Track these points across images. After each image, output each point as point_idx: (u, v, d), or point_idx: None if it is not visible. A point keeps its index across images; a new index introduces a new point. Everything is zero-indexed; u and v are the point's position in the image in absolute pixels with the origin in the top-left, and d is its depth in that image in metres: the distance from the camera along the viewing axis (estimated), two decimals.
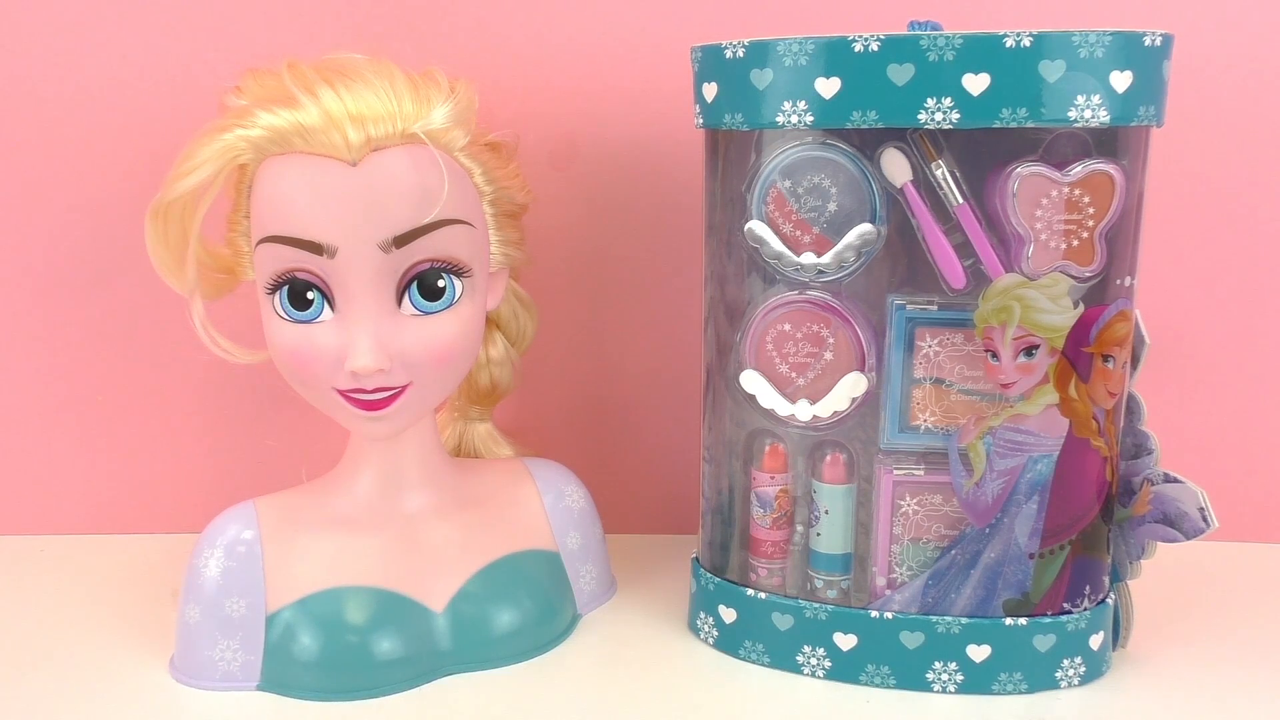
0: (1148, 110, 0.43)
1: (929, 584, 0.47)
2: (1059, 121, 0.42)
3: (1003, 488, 0.46)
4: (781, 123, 0.44)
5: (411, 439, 0.50)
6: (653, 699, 0.47)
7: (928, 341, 0.46)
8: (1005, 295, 0.44)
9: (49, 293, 0.63)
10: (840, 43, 0.43)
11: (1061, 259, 0.44)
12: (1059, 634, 0.47)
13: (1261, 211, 0.63)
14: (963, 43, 0.42)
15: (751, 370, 0.48)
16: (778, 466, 0.49)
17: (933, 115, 0.42)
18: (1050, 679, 0.47)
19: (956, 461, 0.46)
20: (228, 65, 0.52)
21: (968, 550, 0.47)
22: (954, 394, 0.46)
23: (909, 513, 0.47)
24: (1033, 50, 0.41)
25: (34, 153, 0.61)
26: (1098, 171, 0.43)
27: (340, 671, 0.47)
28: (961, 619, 0.47)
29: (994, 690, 0.47)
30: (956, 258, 0.44)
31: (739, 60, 0.45)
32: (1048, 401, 0.45)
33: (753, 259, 0.47)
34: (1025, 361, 0.45)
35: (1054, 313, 0.44)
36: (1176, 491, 0.47)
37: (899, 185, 0.44)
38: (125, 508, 0.66)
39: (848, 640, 0.48)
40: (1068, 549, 0.47)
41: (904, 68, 0.42)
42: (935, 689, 0.48)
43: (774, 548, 0.50)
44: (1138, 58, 0.42)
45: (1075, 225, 0.44)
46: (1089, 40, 0.41)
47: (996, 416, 0.45)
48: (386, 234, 0.44)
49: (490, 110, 0.49)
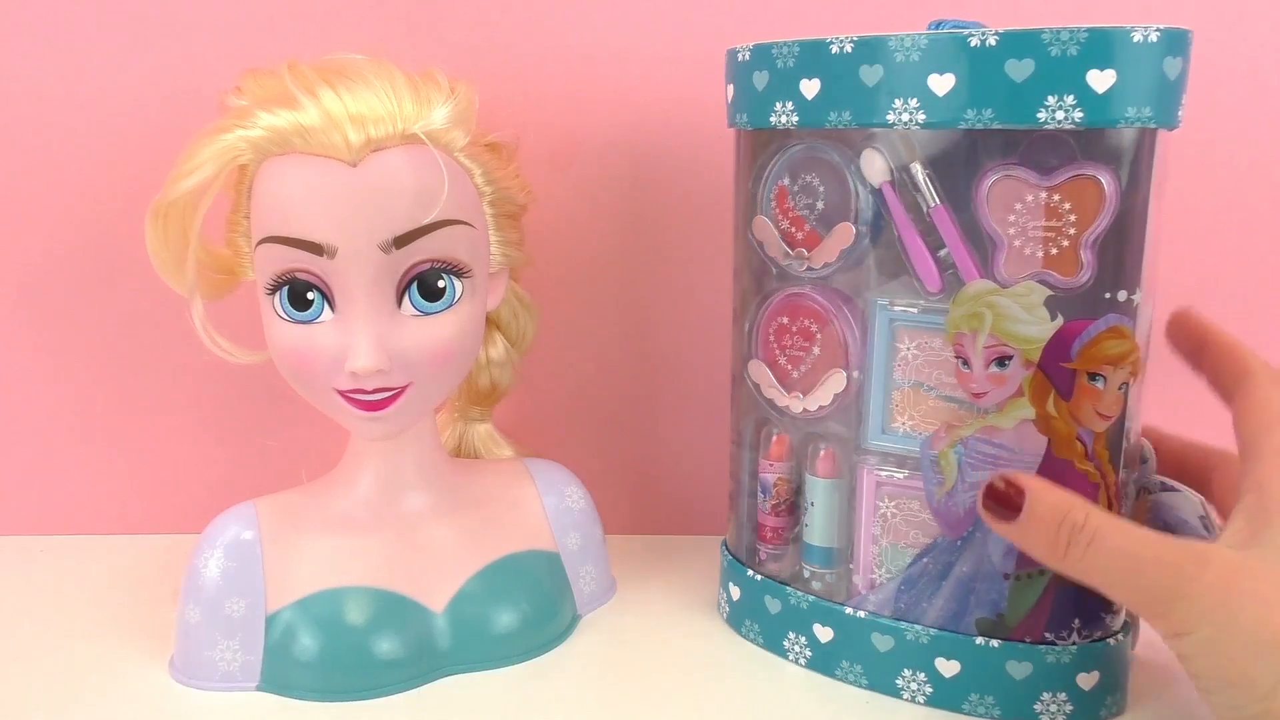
0: (1140, 111, 0.39)
1: (901, 589, 0.47)
2: (1027, 123, 0.40)
3: (975, 500, 0.44)
4: (774, 122, 0.46)
5: (411, 439, 0.50)
6: (652, 700, 0.48)
7: (906, 344, 0.45)
8: (976, 302, 0.43)
9: (49, 293, 0.62)
10: (819, 44, 0.44)
11: (1040, 268, 0.42)
12: (1035, 663, 0.44)
13: (1264, 211, 0.58)
14: (928, 43, 0.41)
15: (757, 360, 0.50)
16: (778, 455, 0.51)
17: (900, 116, 0.42)
18: (1028, 710, 0.45)
19: (928, 468, 0.45)
20: (228, 65, 0.51)
21: (939, 560, 0.46)
22: (932, 399, 0.45)
23: (888, 515, 0.47)
24: (998, 49, 0.40)
25: (34, 153, 0.60)
26: (1082, 177, 0.40)
27: (340, 672, 0.47)
28: (931, 630, 0.46)
29: (964, 710, 0.46)
30: (932, 260, 0.44)
31: (746, 63, 0.47)
32: (1021, 415, 0.43)
33: (761, 254, 0.49)
34: (997, 372, 0.43)
35: (1028, 323, 0.42)
36: (1174, 500, 0.43)
37: (876, 185, 0.44)
38: (125, 508, 0.66)
39: (826, 633, 0.49)
40: (1049, 575, 0.44)
41: (874, 69, 0.42)
42: (905, 696, 0.47)
43: (774, 533, 0.51)
44: (1122, 55, 0.39)
45: (1054, 233, 0.41)
46: (1060, 38, 0.39)
47: (968, 426, 0.44)
48: (386, 234, 0.44)
49: (490, 111, 0.49)
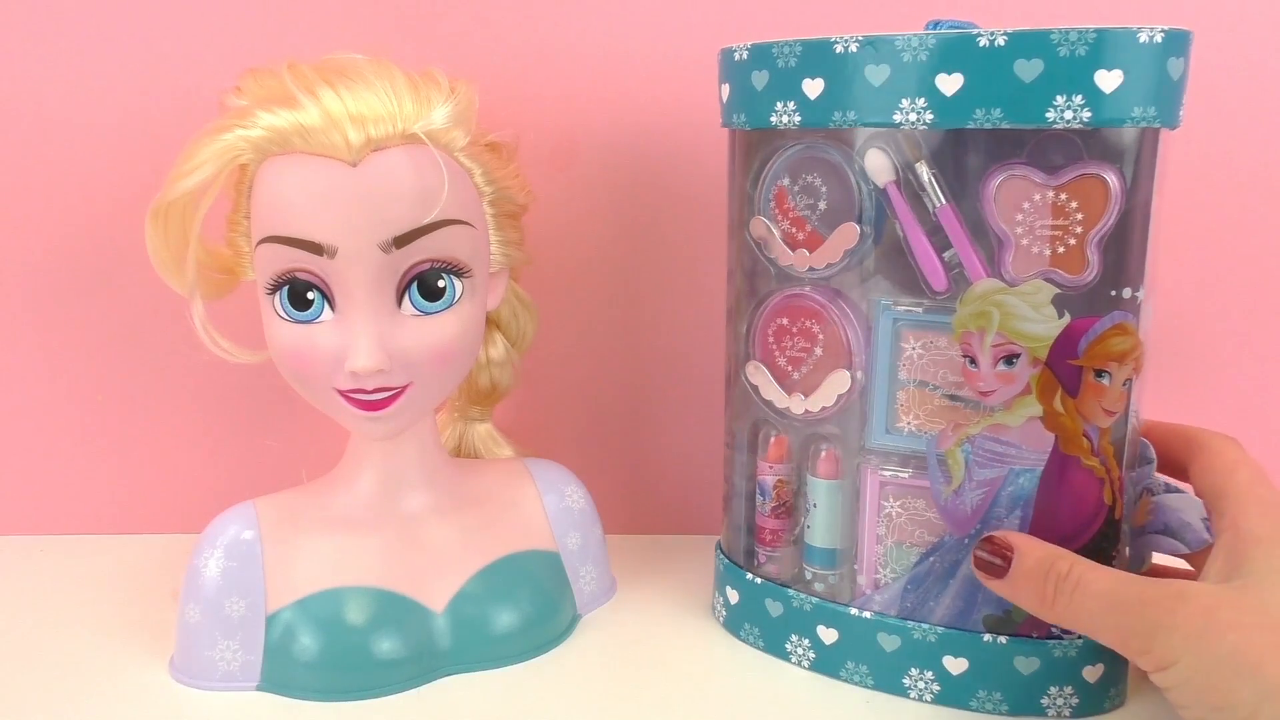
0: (1145, 111, 0.40)
1: (908, 588, 0.47)
2: (1035, 123, 0.40)
3: (982, 498, 0.45)
4: (774, 123, 0.46)
5: (411, 439, 0.50)
6: (652, 700, 0.47)
7: (911, 344, 0.45)
8: (984, 300, 0.43)
9: (49, 293, 0.62)
10: (823, 44, 0.43)
11: (1047, 266, 0.42)
12: (1042, 658, 0.45)
13: (1267, 210, 0.59)
14: (936, 43, 0.41)
15: (755, 362, 0.50)
16: (777, 457, 0.50)
17: (907, 116, 0.42)
18: (1035, 704, 0.45)
19: (935, 467, 0.45)
20: (228, 65, 0.51)
21: (946, 559, 0.46)
22: (938, 398, 0.45)
23: (893, 514, 0.47)
24: (1007, 49, 0.40)
25: (34, 153, 0.60)
26: (1089, 176, 0.41)
27: (340, 671, 0.47)
28: (938, 628, 0.46)
29: (972, 706, 0.46)
30: (938, 259, 0.44)
31: (744, 63, 0.47)
32: (1029, 413, 0.43)
33: (760, 255, 0.49)
34: (1005, 370, 0.43)
35: (1035, 321, 0.42)
36: (1177, 501, 0.43)
37: (881, 185, 0.44)
38: (125, 508, 0.65)
39: (830, 634, 0.49)
40: None
41: (880, 68, 0.42)
42: (912, 695, 0.47)
43: (773, 535, 0.51)
44: (1129, 56, 0.39)
45: (1061, 231, 0.42)
46: (1069, 38, 0.39)
47: (976, 425, 0.44)
48: (386, 234, 0.44)
49: (490, 110, 0.49)
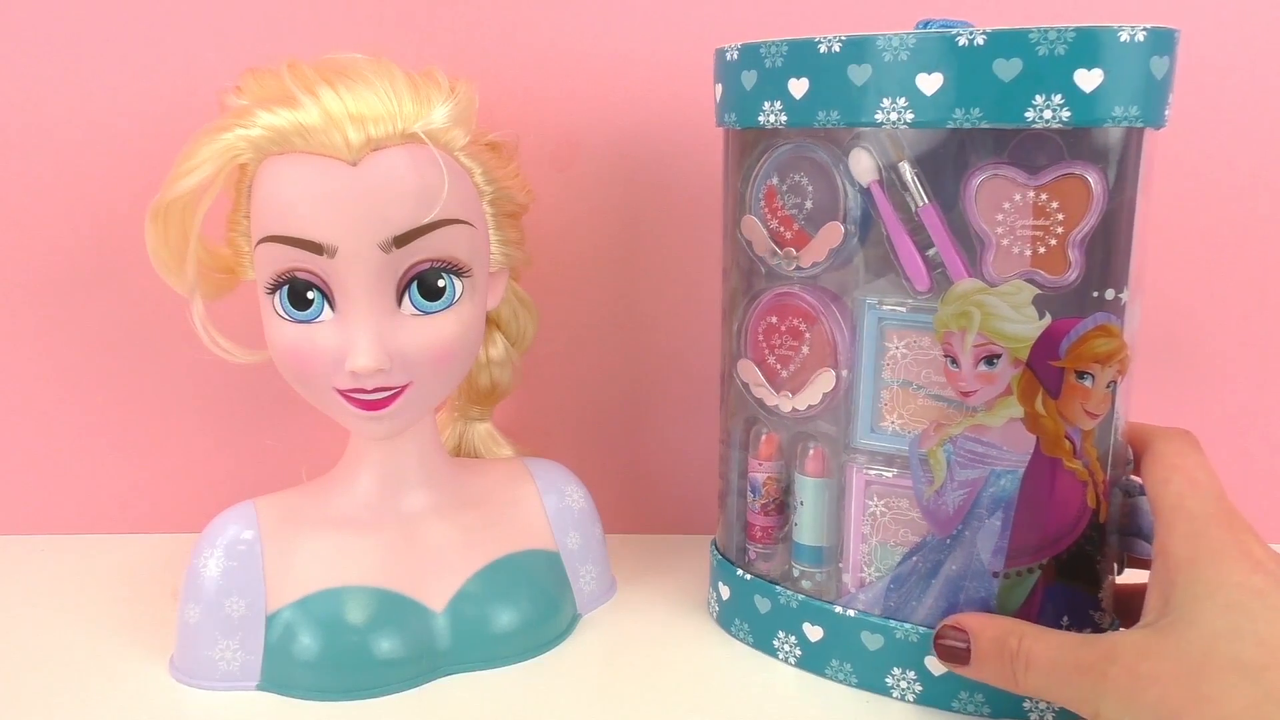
0: (1127, 111, 0.39)
1: (890, 588, 0.47)
2: (1015, 122, 0.40)
3: (964, 499, 0.44)
4: (763, 122, 0.46)
5: (411, 439, 0.50)
6: (652, 699, 0.48)
7: (895, 343, 0.45)
8: (964, 300, 0.43)
9: (49, 292, 0.62)
10: (808, 44, 0.44)
11: (1028, 266, 0.42)
12: None
13: (1263, 210, 0.58)
14: (916, 42, 0.41)
15: (746, 360, 0.50)
16: (768, 454, 0.51)
17: (889, 115, 0.42)
18: (1016, 707, 0.45)
19: (917, 467, 0.45)
20: (228, 65, 0.50)
21: (929, 559, 0.46)
22: (921, 397, 0.45)
23: (877, 514, 0.47)
24: (986, 49, 0.40)
25: (34, 153, 0.60)
26: (1070, 176, 0.41)
27: (340, 671, 0.47)
28: (920, 628, 0.46)
29: (954, 707, 0.46)
30: (920, 259, 0.44)
31: (734, 62, 0.47)
32: (1010, 414, 0.43)
33: (750, 253, 0.49)
34: (986, 370, 0.43)
35: (1016, 322, 0.42)
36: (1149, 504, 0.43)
37: (865, 184, 0.44)
38: (125, 508, 0.66)
39: (815, 632, 0.49)
40: (1037, 573, 0.44)
41: (862, 68, 0.42)
42: (894, 695, 0.47)
43: (763, 533, 0.51)
44: (1110, 55, 0.39)
45: (1042, 231, 0.41)
46: (1048, 37, 0.39)
47: (957, 425, 0.44)
48: (386, 234, 0.44)
49: (490, 110, 0.49)
